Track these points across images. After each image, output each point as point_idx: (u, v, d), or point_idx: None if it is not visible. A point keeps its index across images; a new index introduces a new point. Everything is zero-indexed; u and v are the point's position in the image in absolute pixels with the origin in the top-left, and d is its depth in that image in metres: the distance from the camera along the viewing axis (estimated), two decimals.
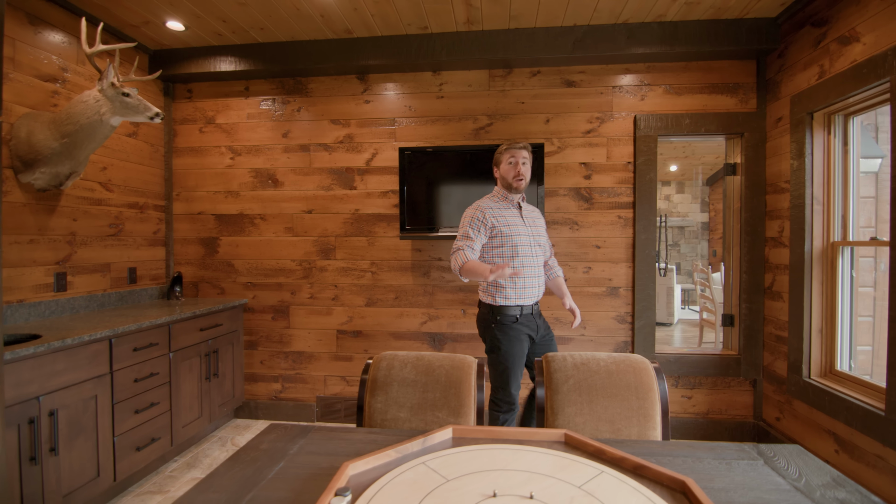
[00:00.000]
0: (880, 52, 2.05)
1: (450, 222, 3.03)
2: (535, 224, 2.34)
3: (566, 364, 1.53)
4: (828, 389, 2.38)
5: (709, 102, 3.01)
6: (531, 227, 2.30)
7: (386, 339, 3.25)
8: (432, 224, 3.05)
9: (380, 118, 3.23)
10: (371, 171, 3.24)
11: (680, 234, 9.96)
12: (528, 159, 2.25)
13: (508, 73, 3.13)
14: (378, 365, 1.55)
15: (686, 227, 9.90)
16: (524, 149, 2.25)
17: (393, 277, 3.23)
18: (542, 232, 2.37)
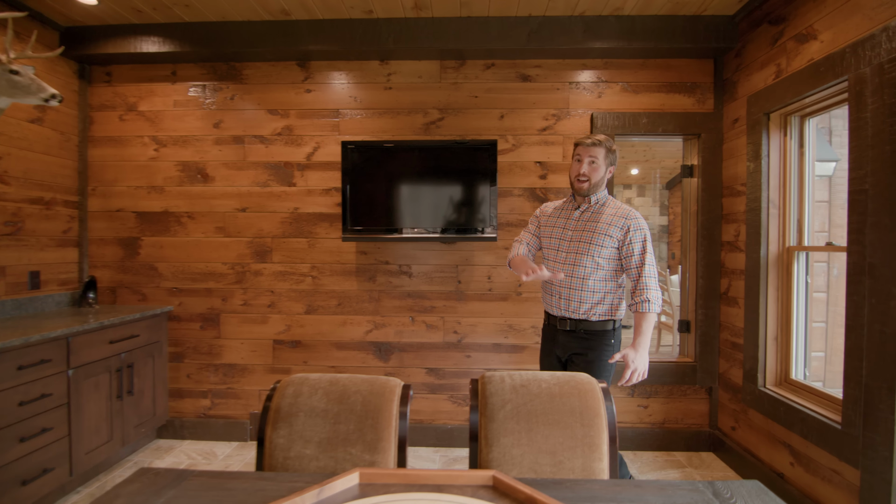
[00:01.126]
0: (838, 49, 1.97)
1: (400, 223, 2.81)
2: (584, 229, 1.96)
3: (504, 386, 1.33)
4: (783, 400, 2.29)
5: (666, 102, 2.91)
6: (574, 232, 1.98)
7: (327, 349, 2.99)
8: (379, 224, 2.81)
9: (322, 109, 2.97)
10: (312, 167, 2.97)
11: None
12: (597, 157, 1.93)
13: (461, 65, 2.94)
14: (283, 391, 1.31)
15: None
16: (595, 145, 1.93)
17: (336, 282, 2.98)
18: (590, 238, 1.93)
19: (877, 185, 1.76)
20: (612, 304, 1.95)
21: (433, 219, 2.81)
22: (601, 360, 1.95)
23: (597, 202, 2.00)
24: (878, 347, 1.75)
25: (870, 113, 1.80)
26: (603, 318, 1.94)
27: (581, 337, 1.96)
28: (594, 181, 1.95)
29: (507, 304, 2.95)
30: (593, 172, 1.94)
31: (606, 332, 1.95)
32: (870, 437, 1.78)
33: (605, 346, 1.96)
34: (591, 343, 1.95)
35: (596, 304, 1.94)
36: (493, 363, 2.96)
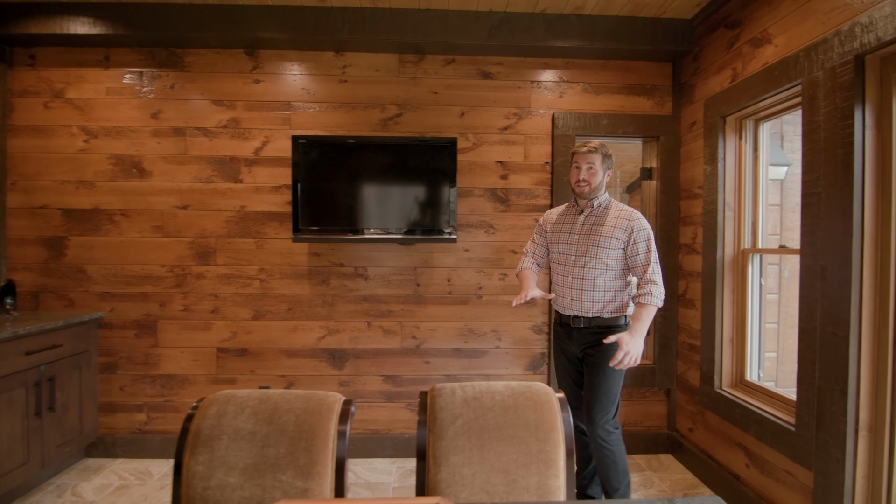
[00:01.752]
0: (792, 53, 1.98)
1: (356, 223, 2.67)
2: (590, 232, 2.05)
3: (455, 400, 1.23)
4: (738, 402, 2.30)
5: (626, 104, 2.90)
6: (580, 236, 2.07)
7: (277, 357, 2.81)
8: (333, 224, 2.66)
9: (272, 101, 2.79)
10: (261, 162, 2.79)
11: None
12: (594, 163, 2.03)
13: (420, 60, 2.83)
14: (205, 411, 1.16)
15: None
16: (592, 152, 2.03)
17: (286, 286, 2.80)
18: (597, 241, 2.01)
19: (829, 188, 1.77)
20: (622, 301, 2.06)
21: (391, 219, 2.69)
22: (612, 354, 1.99)
23: (599, 205, 2.09)
24: (830, 350, 1.76)
25: (822, 116, 1.81)
26: (615, 314, 2.05)
27: (595, 332, 2.05)
28: (594, 185, 2.04)
29: (467, 307, 2.86)
30: (592, 177, 2.03)
31: (619, 327, 2.05)
32: (823, 439, 1.79)
33: None
34: (605, 336, 2.01)
35: (608, 303, 2.04)
36: (453, 369, 2.86)
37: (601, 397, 2.02)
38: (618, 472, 2.04)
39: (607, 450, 2.03)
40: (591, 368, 2.06)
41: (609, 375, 2.01)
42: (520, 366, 2.88)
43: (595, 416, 2.02)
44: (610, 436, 2.03)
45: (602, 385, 2.02)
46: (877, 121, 1.67)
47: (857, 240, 1.67)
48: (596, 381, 2.03)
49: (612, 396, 2.02)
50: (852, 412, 1.68)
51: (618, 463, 2.04)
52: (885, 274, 1.65)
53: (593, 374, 2.04)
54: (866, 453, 1.68)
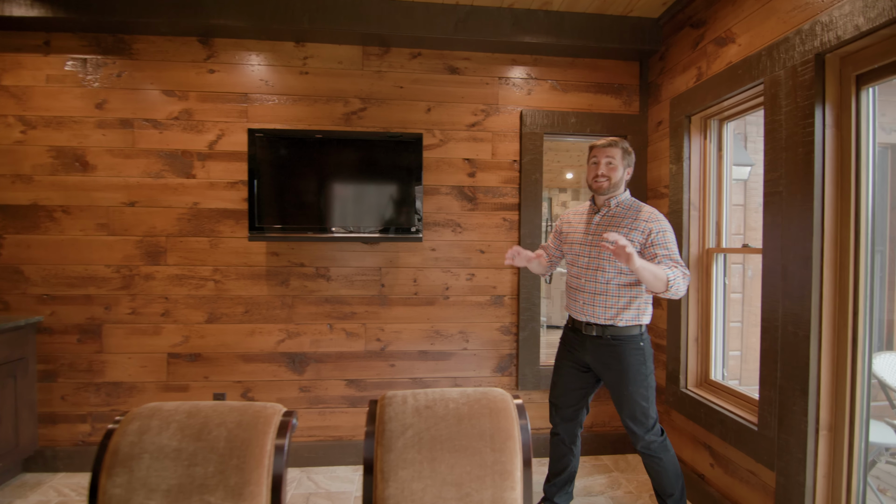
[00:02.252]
0: (754, 52, 1.98)
1: (317, 221, 2.55)
2: (605, 232, 1.87)
3: (405, 409, 1.15)
4: (703, 401, 2.29)
5: (594, 102, 2.88)
6: (594, 237, 1.96)
7: (233, 362, 2.67)
8: (292, 222, 2.54)
9: (228, 93, 2.65)
10: (215, 157, 2.64)
11: None
12: (614, 157, 1.92)
13: (385, 53, 2.73)
14: (125, 428, 1.04)
15: None
16: (611, 146, 1.92)
17: (242, 287, 2.66)
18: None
19: (790, 187, 1.77)
20: (638, 308, 1.92)
21: (354, 217, 2.59)
22: (632, 366, 1.90)
23: (617, 205, 1.97)
24: (791, 349, 1.75)
25: (784, 115, 1.80)
26: (630, 322, 1.91)
27: (609, 344, 1.92)
28: (613, 181, 1.92)
29: (433, 308, 2.78)
30: (611, 172, 1.92)
31: (633, 338, 1.91)
32: (784, 439, 1.78)
33: (634, 350, 1.91)
34: (619, 350, 1.91)
35: (622, 310, 1.91)
36: (419, 372, 2.78)
37: (631, 411, 1.92)
38: (669, 478, 1.96)
39: (654, 458, 1.95)
40: (613, 387, 1.95)
41: (634, 391, 1.89)
42: (488, 368, 2.82)
43: (632, 428, 1.94)
44: (653, 444, 1.94)
45: (628, 399, 1.91)
46: (836, 120, 1.67)
47: (818, 239, 1.67)
48: (620, 396, 1.94)
49: (642, 408, 1.90)
50: (813, 412, 1.68)
51: (668, 469, 1.96)
52: (843, 273, 1.65)
53: (620, 390, 1.93)
54: (826, 453, 1.67)
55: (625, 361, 1.90)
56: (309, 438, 2.71)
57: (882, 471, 2.71)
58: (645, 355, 1.92)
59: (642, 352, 1.91)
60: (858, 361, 1.61)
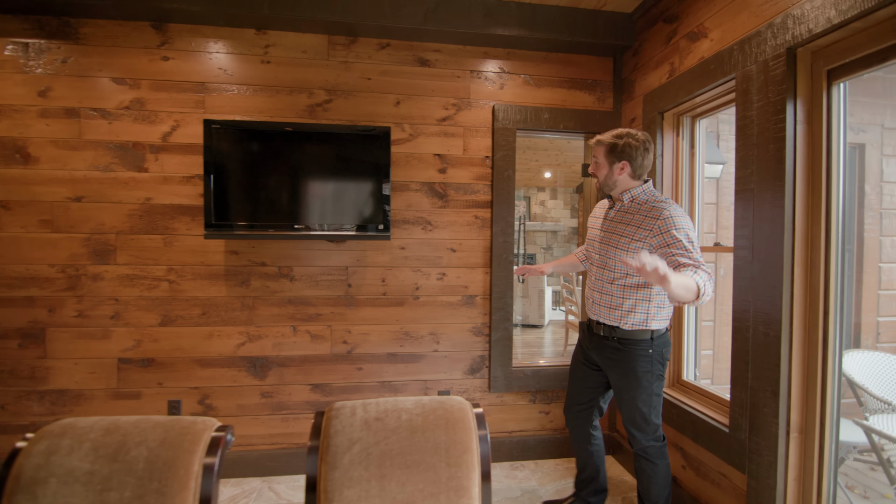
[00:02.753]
0: (726, 47, 1.94)
1: (279, 218, 2.42)
2: (614, 231, 1.88)
3: (353, 421, 1.05)
4: (675, 403, 2.26)
5: (568, 98, 2.82)
6: (604, 233, 1.93)
7: (189, 367, 2.52)
8: (253, 219, 2.41)
9: (184, 81, 2.50)
10: (170, 149, 2.49)
11: (553, 238, 10.38)
12: (598, 156, 1.92)
13: (352, 43, 2.62)
14: (32, 448, 0.92)
15: (558, 232, 10.35)
16: (597, 144, 1.93)
17: (199, 288, 2.52)
18: (617, 241, 1.84)
19: (761, 184, 1.73)
20: (647, 313, 1.82)
21: (318, 214, 2.47)
22: (636, 372, 1.83)
23: (631, 200, 1.90)
24: (762, 350, 1.72)
25: (755, 111, 1.76)
26: (637, 327, 1.82)
27: (615, 346, 1.87)
28: (601, 178, 1.93)
29: (403, 309, 2.68)
30: (598, 171, 1.94)
31: (641, 343, 1.82)
32: (755, 442, 1.74)
33: (640, 356, 1.82)
34: (625, 353, 1.85)
35: (627, 313, 1.83)
36: (387, 375, 2.68)
37: (629, 415, 1.89)
38: (658, 486, 1.91)
39: (649, 462, 1.90)
40: (616, 390, 1.93)
41: (635, 396, 1.84)
42: (459, 370, 2.74)
43: (634, 434, 1.91)
44: (651, 449, 1.89)
45: (627, 403, 1.88)
46: (807, 116, 1.64)
47: (789, 237, 1.64)
48: (620, 398, 1.91)
49: (642, 414, 1.85)
50: (784, 414, 1.64)
51: (659, 476, 1.90)
52: (814, 272, 1.62)
53: (621, 393, 1.90)
54: (797, 455, 1.64)
55: (629, 366, 1.84)
56: (272, 446, 2.58)
57: (850, 468, 2.74)
58: (652, 362, 1.82)
59: (649, 359, 1.82)
60: (829, 362, 1.58)
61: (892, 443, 1.88)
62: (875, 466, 2.72)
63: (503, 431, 2.78)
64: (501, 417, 2.78)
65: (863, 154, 3.13)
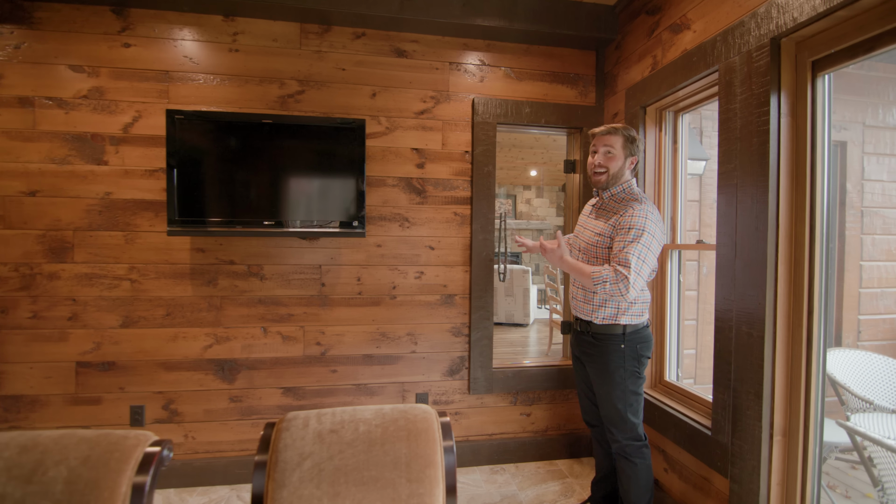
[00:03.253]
0: (709, 38, 1.88)
1: (249, 214, 2.31)
2: (592, 227, 1.89)
3: (306, 434, 0.96)
4: (658, 404, 2.20)
5: (549, 92, 2.75)
6: (584, 228, 1.94)
7: (152, 371, 2.39)
8: (220, 215, 2.29)
9: (146, 70, 2.37)
10: (132, 141, 2.36)
11: (539, 236, 10.36)
12: (614, 146, 1.81)
13: (326, 31, 2.51)
14: None
15: (544, 230, 10.33)
16: (610, 133, 1.82)
17: (163, 287, 2.39)
18: (588, 236, 1.88)
19: (745, 179, 1.68)
20: (616, 307, 1.82)
21: (290, 210, 2.36)
22: (608, 367, 1.83)
23: (611, 197, 1.88)
24: (745, 350, 1.67)
25: (738, 104, 1.71)
26: (607, 321, 1.83)
27: (590, 341, 1.89)
28: (612, 172, 1.83)
29: (379, 309, 2.59)
30: (610, 162, 1.82)
31: (614, 337, 1.83)
32: (738, 445, 1.69)
33: (612, 351, 1.83)
34: (599, 348, 1.86)
35: (598, 307, 1.84)
36: (363, 377, 2.58)
37: (607, 412, 1.87)
38: (638, 489, 1.87)
39: (628, 462, 1.87)
40: (595, 383, 1.92)
41: (610, 391, 1.83)
42: (437, 371, 2.66)
43: (612, 431, 1.88)
44: (629, 448, 1.86)
45: (604, 400, 1.87)
46: (791, 108, 1.59)
47: (773, 233, 1.58)
48: (601, 395, 1.89)
49: (617, 411, 1.84)
50: (767, 416, 1.59)
51: (639, 478, 1.87)
52: (798, 269, 1.57)
53: (597, 388, 1.90)
54: (780, 459, 1.59)
55: (602, 360, 1.85)
56: (241, 453, 2.47)
57: (831, 467, 2.72)
58: (624, 358, 1.81)
59: (621, 354, 1.81)
60: (813, 363, 1.53)
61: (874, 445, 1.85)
62: (856, 465, 2.71)
63: (483, 434, 2.71)
64: (481, 420, 2.71)
65: (844, 152, 3.11)
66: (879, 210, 3.11)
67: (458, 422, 2.68)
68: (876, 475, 1.94)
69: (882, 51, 1.34)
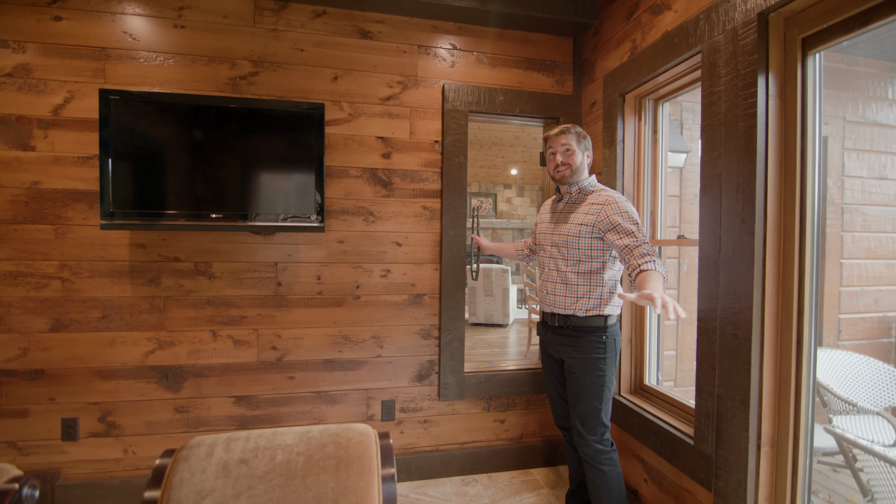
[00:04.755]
0: (691, 16, 1.75)
1: (195, 206, 2.10)
2: (563, 221, 1.88)
3: (209, 465, 0.77)
4: (637, 410, 2.07)
5: (525, 79, 2.60)
6: (555, 224, 1.92)
7: (87, 379, 2.16)
8: (163, 207, 2.07)
9: (80, 46, 2.14)
10: (62, 125, 2.13)
11: (520, 235, 10.26)
12: (570, 143, 1.87)
13: (283, 8, 2.32)
14: None
15: (525, 229, 10.24)
16: (564, 133, 1.88)
17: (99, 287, 2.16)
18: (567, 230, 1.84)
19: (730, 167, 1.54)
20: (600, 297, 1.80)
21: (242, 202, 2.16)
22: (591, 360, 1.79)
23: (578, 191, 1.90)
24: (730, 353, 1.53)
25: (723, 86, 1.58)
26: (590, 312, 1.80)
27: (570, 335, 1.85)
28: (574, 167, 1.88)
29: (341, 310, 2.40)
30: (570, 158, 1.87)
31: (596, 329, 1.81)
32: (723, 457, 1.56)
33: (595, 344, 1.80)
34: (581, 342, 1.82)
35: (580, 298, 1.81)
36: (324, 384, 2.39)
37: (582, 410, 1.81)
38: (610, 499, 1.80)
39: (597, 470, 1.80)
40: (569, 378, 1.87)
41: (587, 385, 1.79)
42: (405, 377, 2.48)
43: (580, 431, 1.82)
44: (599, 454, 1.80)
45: (581, 396, 1.81)
46: (780, 90, 1.46)
47: (760, 226, 1.45)
48: (574, 391, 1.84)
49: (593, 408, 1.79)
50: (754, 425, 1.46)
51: (610, 487, 1.80)
52: (787, 266, 1.44)
53: (571, 385, 1.85)
54: (768, 472, 1.46)
55: (582, 352, 1.81)
56: None
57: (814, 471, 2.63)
58: (606, 350, 1.80)
59: (603, 346, 1.80)
60: (803, 367, 1.40)
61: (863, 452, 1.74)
62: (838, 468, 2.63)
63: (454, 443, 2.54)
64: (452, 428, 2.54)
65: (824, 147, 3.04)
66: (860, 207, 3.05)
67: (428, 430, 2.51)
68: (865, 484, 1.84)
69: (881, 23, 1.21)
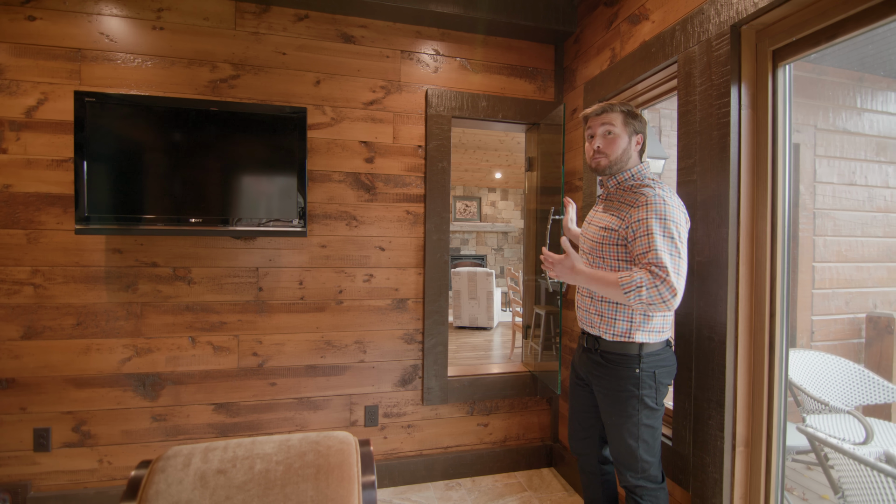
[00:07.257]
0: (668, 27, 1.79)
1: (173, 211, 2.06)
2: (598, 223, 1.56)
3: (185, 476, 0.76)
4: None
5: (507, 86, 2.63)
6: (590, 226, 1.61)
7: (60, 388, 2.11)
8: (140, 212, 2.03)
9: (55, 47, 2.09)
10: (35, 127, 2.07)
11: (504, 238, 10.32)
12: (614, 124, 1.51)
13: (265, 11, 2.30)
14: None
15: (509, 233, 10.30)
16: (608, 111, 1.52)
17: (73, 293, 2.11)
18: (594, 234, 1.56)
19: (705, 175, 1.59)
20: (630, 319, 1.47)
21: (222, 206, 2.13)
22: (620, 395, 1.48)
23: (616, 185, 1.57)
24: (706, 356, 1.57)
25: (698, 95, 1.62)
26: (618, 338, 1.48)
27: (598, 361, 1.54)
28: (613, 157, 1.52)
29: (324, 315, 2.38)
30: (611, 145, 1.52)
31: (628, 359, 1.47)
32: (700, 457, 1.59)
33: (625, 376, 1.47)
34: (608, 370, 1.51)
35: (610, 321, 1.50)
36: (306, 390, 2.37)
37: (620, 451, 1.52)
38: None
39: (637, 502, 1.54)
40: (603, 412, 1.57)
41: (618, 424, 1.50)
42: (388, 382, 2.48)
43: (620, 471, 1.56)
44: (639, 490, 1.52)
45: (617, 434, 1.51)
46: (752, 100, 1.51)
47: (734, 232, 1.49)
48: (610, 428, 1.55)
49: (627, 448, 1.49)
50: (729, 426, 1.50)
51: None
52: (760, 270, 1.49)
53: (605, 419, 1.57)
54: (743, 472, 1.50)
55: (612, 386, 1.50)
56: None
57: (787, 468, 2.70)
58: (639, 384, 1.46)
59: (636, 380, 1.46)
60: (776, 368, 1.45)
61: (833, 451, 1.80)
62: (811, 466, 2.70)
63: (438, 448, 2.54)
64: (436, 432, 2.54)
65: (797, 154, 3.14)
66: (831, 212, 3.15)
67: (412, 435, 2.51)
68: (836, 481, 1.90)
69: (845, 37, 1.26)
